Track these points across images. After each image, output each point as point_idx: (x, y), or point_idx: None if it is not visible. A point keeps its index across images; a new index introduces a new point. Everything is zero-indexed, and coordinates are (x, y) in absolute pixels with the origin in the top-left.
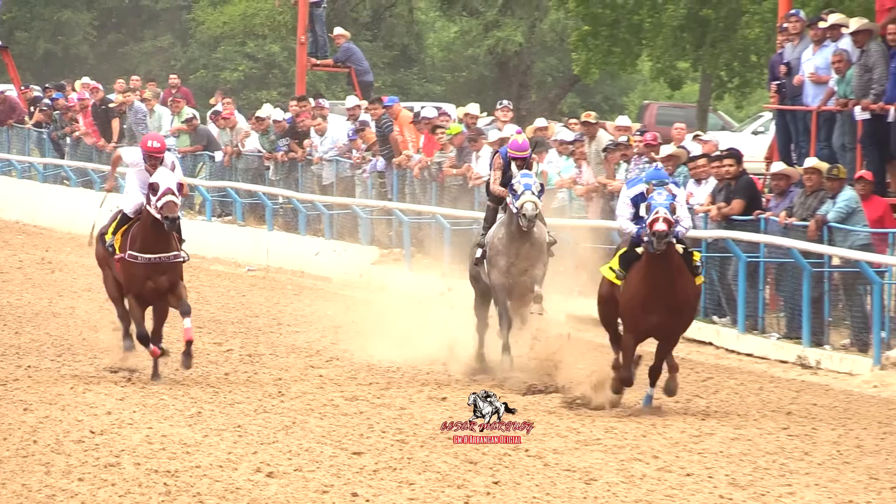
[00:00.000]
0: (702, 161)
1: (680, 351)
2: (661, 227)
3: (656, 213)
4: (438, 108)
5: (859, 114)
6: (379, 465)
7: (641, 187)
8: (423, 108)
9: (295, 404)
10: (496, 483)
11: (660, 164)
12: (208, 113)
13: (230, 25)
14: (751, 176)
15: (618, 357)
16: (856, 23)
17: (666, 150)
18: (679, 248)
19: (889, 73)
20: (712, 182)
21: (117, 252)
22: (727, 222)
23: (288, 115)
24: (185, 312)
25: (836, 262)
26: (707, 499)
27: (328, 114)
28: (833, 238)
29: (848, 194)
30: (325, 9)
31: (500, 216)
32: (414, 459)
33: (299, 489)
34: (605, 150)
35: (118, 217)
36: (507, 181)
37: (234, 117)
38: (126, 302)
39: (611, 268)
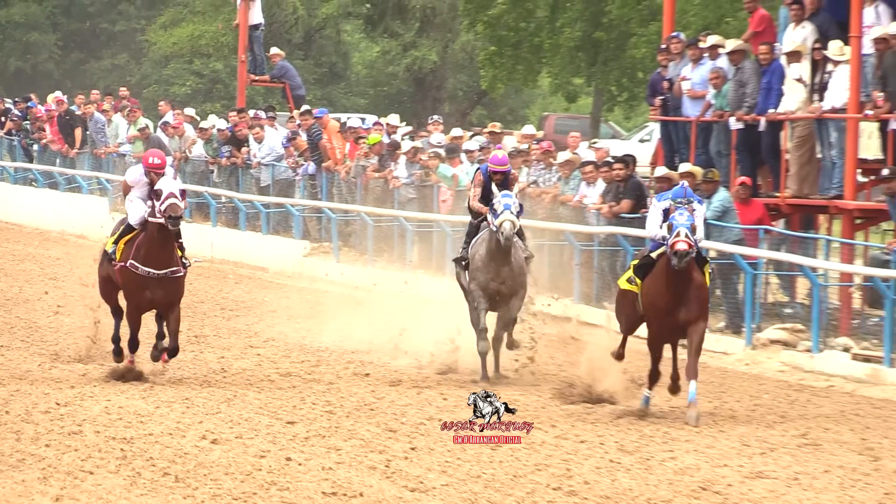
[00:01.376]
0: (589, 167)
1: (582, 335)
2: (682, 246)
3: (677, 233)
4: (362, 119)
5: (734, 124)
6: (310, 433)
7: (669, 202)
8: (348, 118)
9: (236, 379)
10: (413, 449)
11: (685, 183)
12: (159, 122)
13: (179, 45)
14: (639, 178)
15: (623, 344)
16: (731, 43)
17: (563, 156)
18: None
19: (760, 88)
20: (601, 184)
21: (117, 259)
22: (617, 219)
23: (229, 125)
24: (172, 352)
25: (713, 254)
26: (599, 462)
27: (266, 124)
28: (710, 233)
29: (722, 195)
30: (263, 31)
31: (481, 230)
32: (341, 428)
33: (240, 454)
34: (513, 158)
35: (122, 227)
36: (486, 196)
37: (183, 126)
38: (125, 310)
39: (627, 280)
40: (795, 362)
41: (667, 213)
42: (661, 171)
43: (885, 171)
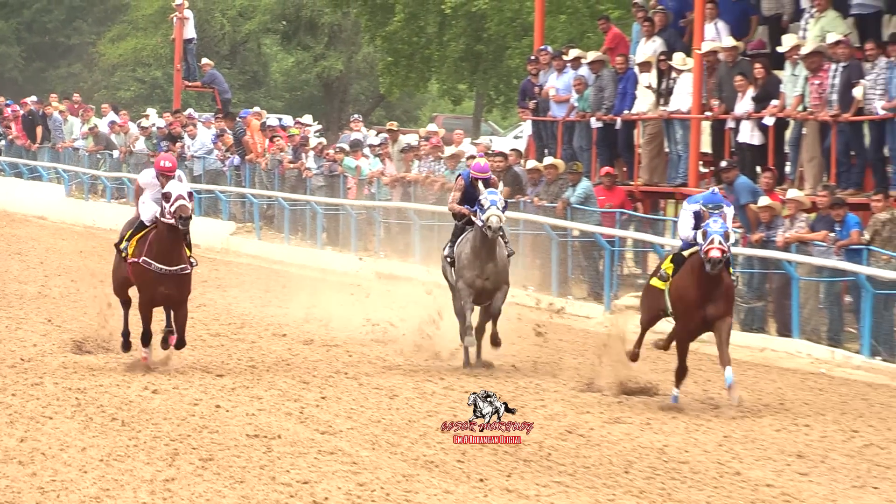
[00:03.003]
0: (471, 158)
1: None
2: (715, 254)
3: (711, 240)
4: (280, 119)
5: (594, 123)
6: (236, 384)
7: (699, 205)
8: (267, 118)
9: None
10: (323, 398)
11: (716, 189)
12: (107, 122)
13: (124, 56)
14: (517, 169)
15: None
16: (592, 55)
17: (449, 150)
18: None
19: (617, 93)
20: None
21: (129, 256)
22: (513, 207)
23: (165, 123)
24: (179, 345)
25: (576, 233)
26: (540, 431)
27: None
28: (574, 216)
29: (585, 184)
30: (195, 44)
31: (466, 231)
32: (262, 381)
33: (176, 402)
34: (402, 150)
35: (134, 225)
36: (467, 200)
37: (127, 124)
38: (139, 304)
39: (658, 277)
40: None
41: (697, 216)
42: (532, 163)
43: (723, 163)
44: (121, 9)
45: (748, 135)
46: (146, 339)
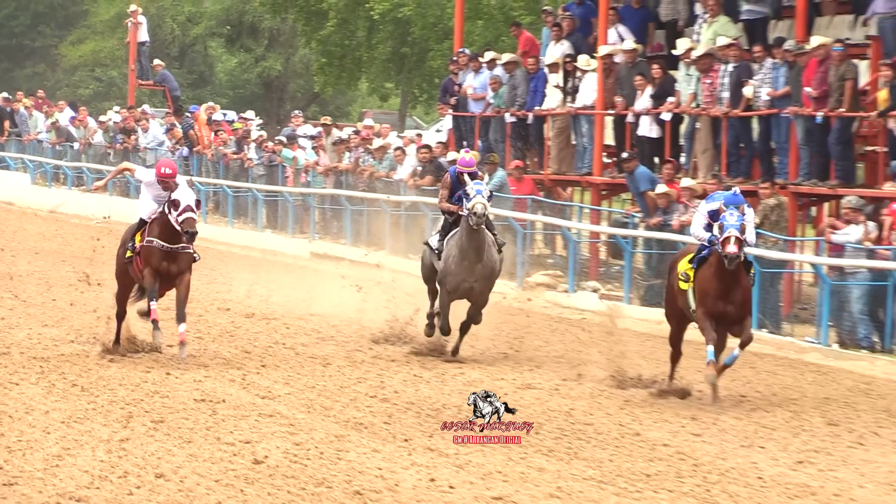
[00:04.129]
0: (398, 151)
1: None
2: (732, 249)
3: (728, 233)
4: (224, 114)
5: (508, 118)
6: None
7: (717, 204)
8: (224, 114)
9: (130, 312)
10: (263, 366)
11: (737, 190)
12: (69, 117)
13: (84, 57)
14: (440, 160)
15: (672, 373)
16: (506, 57)
17: (378, 142)
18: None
19: (529, 91)
20: (409, 163)
21: (137, 245)
22: (421, 191)
23: (120, 118)
24: (180, 318)
25: (492, 218)
26: (405, 377)
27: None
28: (493, 202)
29: (500, 173)
30: (148, 47)
31: (454, 231)
32: (208, 351)
33: (131, 370)
34: (334, 143)
35: (133, 231)
36: (454, 196)
37: (87, 119)
38: (145, 278)
39: (679, 276)
40: (556, 300)
41: (712, 216)
42: (453, 155)
43: (625, 154)
44: (81, 14)
45: (647, 129)
46: (153, 294)
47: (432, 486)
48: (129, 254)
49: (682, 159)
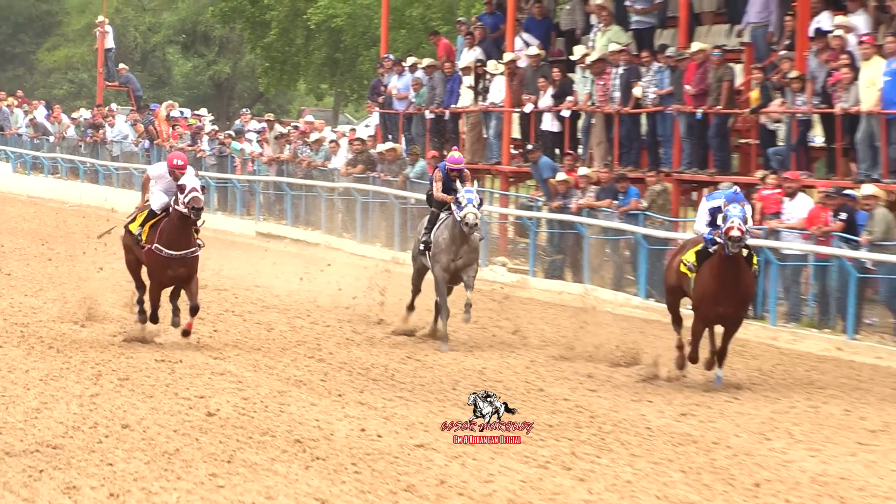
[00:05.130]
0: (333, 143)
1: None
2: (736, 233)
3: (732, 222)
4: (182, 111)
5: (428, 115)
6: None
7: (719, 202)
8: (171, 111)
9: (99, 283)
10: (215, 331)
11: (737, 189)
12: (44, 114)
13: (58, 62)
14: (370, 151)
15: (680, 338)
16: (426, 61)
17: (315, 136)
18: (743, 251)
19: (446, 91)
20: (342, 154)
21: (144, 241)
22: (354, 179)
23: (89, 114)
24: (194, 310)
25: (413, 201)
26: (339, 339)
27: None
28: (412, 188)
29: (422, 163)
30: (114, 52)
31: (443, 216)
32: (167, 318)
33: (100, 334)
34: (276, 137)
35: (146, 212)
36: (446, 189)
37: (60, 115)
38: (149, 287)
39: (683, 261)
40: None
41: (714, 212)
42: (382, 146)
43: (529, 146)
44: (55, 24)
45: (549, 124)
46: (154, 319)
47: (363, 435)
48: (135, 227)
49: (580, 150)
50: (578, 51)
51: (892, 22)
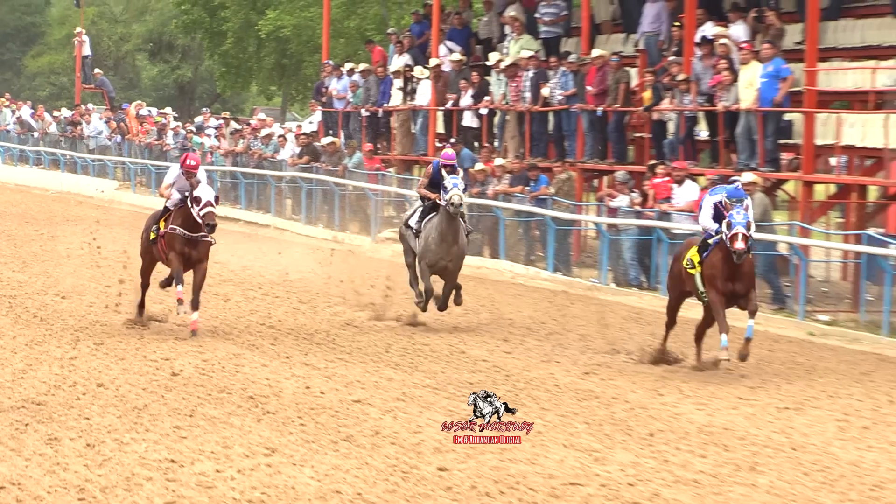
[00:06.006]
0: (281, 138)
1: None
2: (740, 245)
3: (736, 230)
4: (150, 110)
5: (364, 113)
6: (121, 291)
7: (720, 196)
8: (140, 110)
9: (79, 261)
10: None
11: (739, 184)
12: (29, 113)
13: (42, 67)
14: (314, 144)
15: (665, 341)
16: (362, 66)
17: (265, 131)
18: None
19: (380, 92)
20: (289, 147)
21: (161, 230)
22: (300, 169)
23: (70, 113)
24: (195, 304)
25: (350, 188)
26: (287, 309)
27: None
28: (350, 176)
29: (358, 155)
30: (90, 58)
31: (434, 214)
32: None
33: (78, 305)
34: (232, 132)
35: (157, 218)
36: (434, 185)
37: (43, 114)
38: (170, 261)
39: (685, 266)
40: (399, 251)
41: (717, 206)
42: (323, 140)
43: (452, 140)
44: (39, 34)
45: (469, 120)
46: (179, 278)
47: (307, 391)
48: (152, 236)
49: (496, 143)
50: (494, 57)
51: (767, 31)
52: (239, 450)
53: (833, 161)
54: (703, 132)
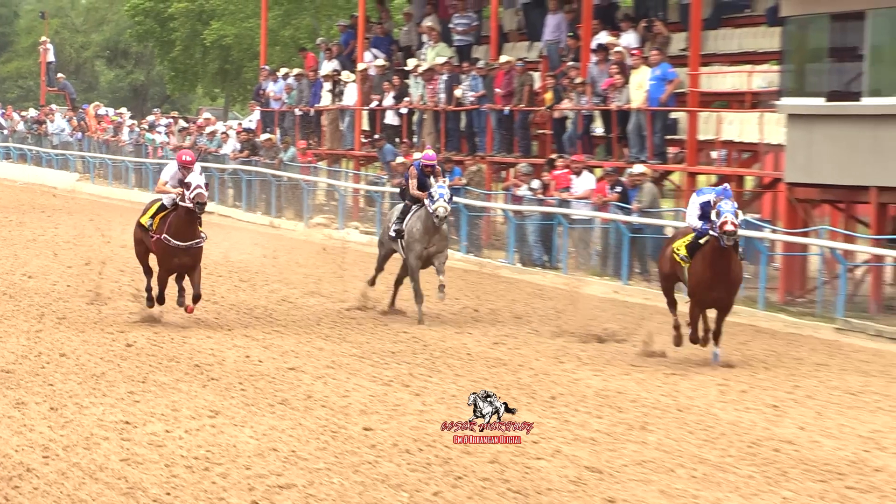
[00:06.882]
0: (223, 134)
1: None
2: (730, 227)
3: (726, 217)
4: (107, 110)
5: (297, 112)
6: (80, 272)
7: (709, 197)
8: (98, 110)
9: (44, 244)
10: (132, 280)
11: (727, 186)
12: (1, 112)
13: (11, 72)
14: (255, 140)
15: (676, 318)
16: (296, 71)
17: (210, 129)
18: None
19: (312, 94)
20: (231, 143)
21: (154, 230)
22: (241, 162)
23: (35, 113)
24: (196, 295)
25: (286, 179)
26: (229, 287)
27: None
28: (286, 168)
29: (292, 150)
30: (54, 64)
31: (414, 208)
32: (93, 269)
33: (43, 283)
34: (180, 130)
35: (156, 206)
36: (420, 185)
37: (12, 114)
38: (157, 272)
39: (676, 251)
40: (331, 234)
41: (704, 206)
42: (262, 137)
43: (376, 136)
44: (8, 43)
45: (391, 119)
46: (161, 300)
47: (247, 360)
48: (146, 219)
49: (415, 139)
50: (413, 62)
51: (655, 39)
52: (186, 412)
53: (714, 154)
54: (598, 129)
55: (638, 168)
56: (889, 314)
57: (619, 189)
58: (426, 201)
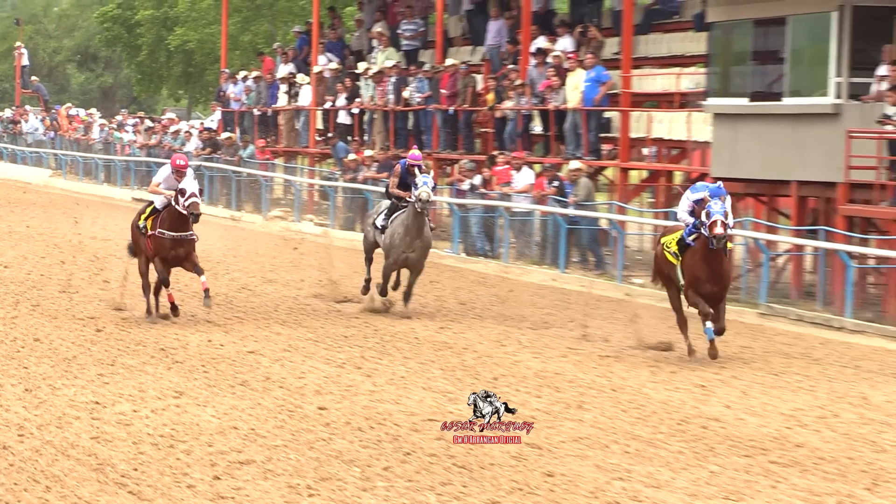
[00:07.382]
0: (187, 133)
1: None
2: (719, 230)
3: (715, 218)
4: (78, 110)
5: (256, 112)
6: (53, 263)
7: (702, 194)
8: (70, 110)
9: (21, 236)
10: (102, 269)
11: (720, 184)
12: None
13: None
14: (216, 138)
15: (689, 343)
16: (254, 74)
17: (174, 128)
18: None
19: (270, 95)
20: (194, 141)
21: (148, 230)
22: (203, 159)
23: (10, 113)
24: (200, 272)
25: (245, 175)
26: (191, 276)
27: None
28: (246, 165)
29: (251, 147)
30: (28, 67)
31: (400, 210)
32: (67, 260)
33: (18, 272)
34: (146, 129)
35: (149, 209)
36: (403, 185)
37: None
38: (155, 265)
39: (666, 247)
40: (288, 227)
41: (696, 204)
42: (223, 135)
43: (329, 135)
44: None
45: (344, 118)
46: (166, 283)
47: (209, 344)
48: (141, 222)
49: (366, 137)
50: (363, 65)
51: (590, 43)
52: (152, 393)
53: (645, 151)
54: (537, 127)
55: (574, 164)
56: (809, 300)
57: (556, 184)
58: (411, 191)
